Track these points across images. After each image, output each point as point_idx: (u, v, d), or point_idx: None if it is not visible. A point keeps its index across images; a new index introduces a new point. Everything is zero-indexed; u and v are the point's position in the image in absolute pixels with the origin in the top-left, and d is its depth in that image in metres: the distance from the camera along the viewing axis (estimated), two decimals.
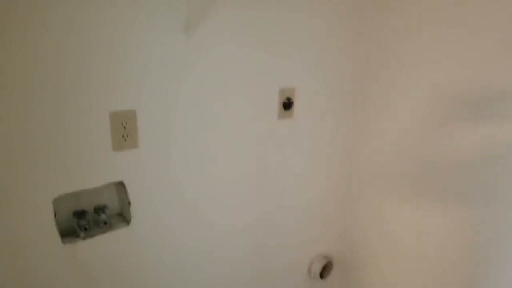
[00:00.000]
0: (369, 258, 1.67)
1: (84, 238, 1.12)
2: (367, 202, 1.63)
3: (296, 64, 1.38)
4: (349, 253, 1.77)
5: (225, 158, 1.31)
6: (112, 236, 1.16)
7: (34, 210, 1.01)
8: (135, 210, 1.17)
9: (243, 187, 1.39)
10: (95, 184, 1.09)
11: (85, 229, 1.12)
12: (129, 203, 1.16)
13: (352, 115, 1.62)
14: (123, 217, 1.21)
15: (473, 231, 1.26)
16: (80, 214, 1.12)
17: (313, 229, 1.67)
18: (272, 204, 1.48)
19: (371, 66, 1.50)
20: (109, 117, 1.06)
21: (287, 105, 1.39)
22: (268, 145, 1.40)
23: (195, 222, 1.31)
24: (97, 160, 1.07)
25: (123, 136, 1.10)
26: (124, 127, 1.09)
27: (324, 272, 1.74)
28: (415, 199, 1.43)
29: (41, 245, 1.05)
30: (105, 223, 1.16)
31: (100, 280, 1.16)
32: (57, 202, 1.05)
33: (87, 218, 1.13)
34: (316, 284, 1.76)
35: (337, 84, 1.55)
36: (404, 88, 1.40)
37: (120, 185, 1.16)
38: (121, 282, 1.20)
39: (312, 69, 1.44)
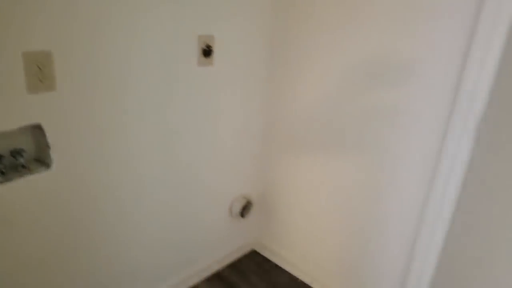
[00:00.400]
0: (282, 198, 1.88)
1: (1, 182, 1.11)
2: (280, 149, 1.81)
3: (214, 13, 1.44)
4: (265, 194, 1.96)
5: (144, 102, 1.35)
6: (32, 180, 1.16)
7: None
8: (56, 154, 1.18)
9: (162, 132, 1.45)
10: (10, 127, 1.08)
11: (2, 173, 1.11)
12: (49, 146, 1.17)
13: (268, 70, 1.74)
14: (42, 162, 1.21)
15: (364, 173, 1.50)
16: None
17: (232, 174, 1.81)
18: (192, 150, 1.58)
19: (289, 25, 1.61)
20: (22, 58, 1.03)
21: (207, 52, 1.46)
22: (188, 91, 1.47)
23: (116, 164, 1.35)
24: (11, 102, 1.05)
25: (38, 78, 1.08)
26: (40, 69, 1.07)
27: (244, 211, 1.92)
28: (319, 150, 1.63)
29: None
30: (24, 166, 1.16)
31: (21, 224, 1.17)
32: None
33: (3, 162, 1.12)
34: (238, 221, 1.94)
35: (256, 38, 1.64)
36: (316, 51, 1.54)
37: (38, 129, 1.15)
38: (42, 224, 1.22)
39: (231, 19, 1.51)
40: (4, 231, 1.14)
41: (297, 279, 1.88)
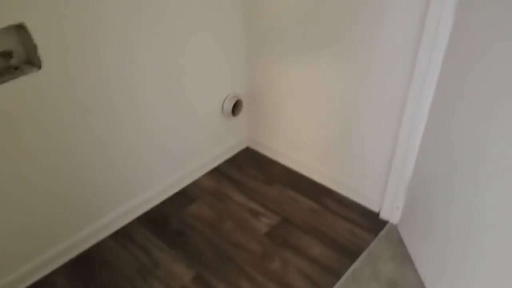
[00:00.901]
0: (270, 95, 1.95)
1: None
2: (264, 48, 1.82)
3: None
4: (254, 93, 2.02)
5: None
6: (25, 80, 1.20)
7: None
8: (44, 54, 1.21)
9: (158, 32, 1.46)
10: None
11: None
12: (36, 46, 1.19)
13: None
14: (33, 63, 1.24)
15: (347, 59, 1.54)
16: None
17: (222, 75, 1.85)
18: (183, 56, 1.61)
19: None
20: None
21: None
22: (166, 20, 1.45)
23: (109, 63, 1.38)
24: None
25: None
26: None
27: (235, 109, 2.00)
28: (301, 43, 1.65)
29: None
30: (16, 68, 1.19)
31: (18, 121, 1.24)
32: None
33: None
34: (230, 120, 2.03)
35: None
36: None
37: (22, 29, 1.16)
38: (40, 121, 1.29)
39: None
40: (4, 130, 1.22)
41: (290, 168, 2.03)
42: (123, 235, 1.65)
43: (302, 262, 1.54)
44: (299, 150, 1.98)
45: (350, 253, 1.58)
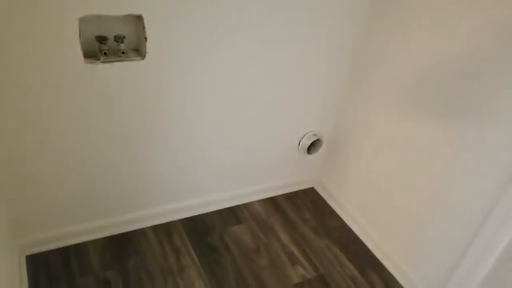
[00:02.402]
0: (352, 145, 1.86)
1: (103, 62, 1.29)
2: (362, 96, 1.75)
3: None
4: (337, 137, 1.96)
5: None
6: (127, 66, 1.32)
7: (61, 27, 1.16)
8: (151, 47, 1.32)
9: (256, 57, 1.51)
10: (117, 13, 1.22)
11: (105, 53, 1.28)
12: (146, 39, 1.30)
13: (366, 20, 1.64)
14: (139, 52, 1.36)
15: (450, 145, 1.38)
16: (101, 39, 1.27)
17: (309, 111, 1.82)
18: (278, 81, 1.63)
19: None
20: None
21: None
22: (267, 36, 1.48)
23: (201, 79, 1.46)
24: None
25: None
26: None
27: (312, 148, 1.96)
28: (404, 106, 1.54)
29: (66, 61, 1.23)
30: (123, 52, 1.32)
31: (113, 100, 1.36)
32: (82, 22, 1.19)
33: (108, 44, 1.29)
34: (303, 157, 1.99)
35: None
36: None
37: (139, 20, 1.28)
38: (130, 105, 1.40)
39: None
40: (99, 104, 1.35)
41: (348, 227, 1.92)
42: (163, 231, 1.71)
43: None
44: (365, 212, 1.85)
45: None
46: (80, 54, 1.24)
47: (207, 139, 1.65)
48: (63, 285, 1.40)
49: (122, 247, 1.59)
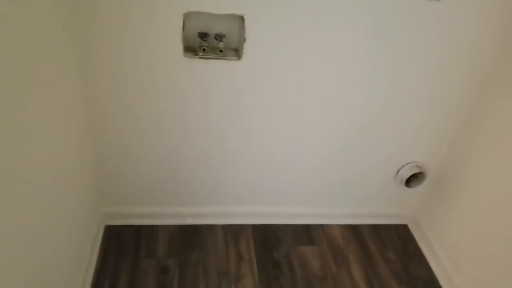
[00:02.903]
0: (464, 186, 1.58)
1: (200, 57, 1.31)
2: (480, 133, 1.46)
3: None
4: (445, 174, 1.68)
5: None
6: (223, 64, 1.32)
7: (167, 19, 1.21)
8: (248, 48, 1.29)
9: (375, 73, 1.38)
10: (221, 11, 1.22)
11: (204, 49, 1.30)
12: (245, 40, 1.28)
13: None
14: (236, 52, 1.35)
15: None
16: (203, 35, 1.30)
17: (414, 137, 1.60)
18: (375, 103, 1.47)
19: None
20: None
21: None
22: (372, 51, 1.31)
23: (297, 90, 1.39)
24: None
25: None
26: None
27: (412, 181, 1.72)
28: None
29: (167, 53, 1.28)
30: (221, 51, 1.32)
31: (207, 94, 1.38)
32: (187, 17, 1.22)
33: (208, 41, 1.30)
34: (400, 189, 1.77)
35: None
36: None
37: (241, 21, 1.26)
38: (222, 102, 1.41)
39: None
40: (193, 97, 1.38)
41: (437, 281, 1.64)
42: (232, 232, 1.69)
43: None
44: (462, 268, 1.56)
45: None
46: (180, 47, 1.28)
47: (296, 149, 1.57)
48: (128, 261, 1.50)
49: (189, 238, 1.63)
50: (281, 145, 1.54)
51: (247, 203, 1.72)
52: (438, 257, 1.70)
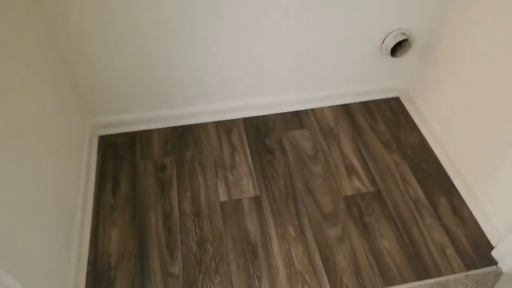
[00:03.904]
0: (451, 49, 1.52)
1: None
2: None
3: None
4: (432, 39, 1.61)
5: None
6: None
7: None
8: None
9: None
10: None
11: None
12: None
13: None
14: None
15: None
16: None
17: (397, 2, 1.50)
18: None
19: None
20: None
21: None
22: None
23: None
24: None
25: None
26: None
27: (398, 50, 1.67)
28: None
29: None
30: None
31: None
32: None
33: None
34: (388, 61, 1.73)
35: None
36: None
37: None
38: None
39: None
40: None
41: (427, 144, 1.69)
42: (224, 127, 1.74)
43: (363, 249, 1.38)
44: (451, 132, 1.59)
45: (422, 272, 1.32)
46: None
47: (281, 36, 1.51)
48: (126, 164, 1.58)
49: (183, 137, 1.69)
50: (266, 33, 1.49)
51: (236, 97, 1.73)
52: (427, 123, 1.72)
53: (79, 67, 1.44)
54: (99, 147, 1.64)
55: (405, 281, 1.31)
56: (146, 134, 1.69)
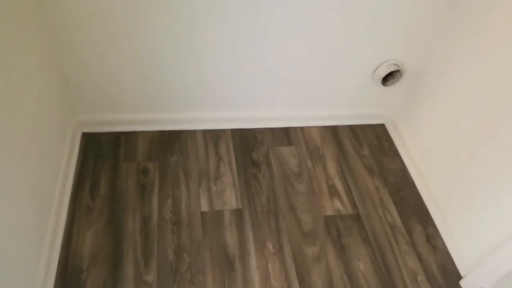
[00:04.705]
0: (439, 83, 1.58)
1: None
2: (458, 30, 1.42)
3: None
4: (425, 73, 1.68)
5: None
6: None
7: None
8: None
9: None
10: None
11: None
12: None
13: None
14: None
15: None
16: None
17: (394, 33, 1.55)
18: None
19: None
20: None
21: None
22: None
23: None
24: None
25: None
26: None
27: (389, 80, 1.72)
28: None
29: None
30: None
31: None
32: None
33: None
34: (378, 89, 1.78)
35: None
36: None
37: None
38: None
39: None
40: None
41: (407, 172, 1.74)
42: (212, 137, 1.74)
43: (338, 269, 1.39)
44: (431, 162, 1.65)
45: None
46: None
47: (275, 52, 1.53)
48: (107, 164, 1.56)
49: (169, 143, 1.68)
50: (260, 48, 1.51)
51: (227, 108, 1.74)
52: (409, 151, 1.77)
53: (68, 61, 1.42)
54: (81, 144, 1.61)
55: None
56: (131, 136, 1.67)
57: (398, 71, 1.70)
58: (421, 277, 1.42)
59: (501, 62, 1.27)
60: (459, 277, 1.43)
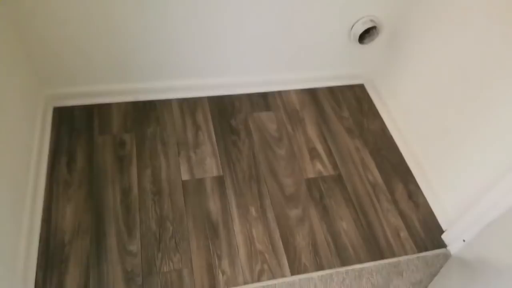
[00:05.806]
0: (417, 39, 1.60)
1: None
2: None
3: None
4: (400, 27, 1.69)
5: None
6: None
7: None
8: None
9: None
10: None
11: None
12: None
13: None
14: None
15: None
16: None
17: None
18: None
19: None
20: None
21: None
22: None
23: None
24: None
25: None
26: None
27: (366, 37, 1.72)
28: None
29: None
30: None
31: None
32: None
33: None
34: (355, 48, 1.78)
35: None
36: None
37: None
38: None
39: None
40: None
41: (388, 132, 1.78)
42: (188, 105, 1.73)
43: (321, 230, 1.44)
44: (411, 120, 1.68)
45: (377, 253, 1.41)
46: None
47: (250, 15, 1.51)
48: (82, 139, 1.55)
49: (145, 114, 1.67)
50: (234, 11, 1.48)
51: (202, 75, 1.72)
52: (389, 110, 1.81)
53: (31, 34, 1.37)
54: (54, 119, 1.58)
55: (360, 261, 1.39)
56: (104, 108, 1.65)
57: (374, 27, 1.70)
58: (403, 233, 1.48)
59: (476, 19, 1.29)
60: (441, 231, 1.50)
